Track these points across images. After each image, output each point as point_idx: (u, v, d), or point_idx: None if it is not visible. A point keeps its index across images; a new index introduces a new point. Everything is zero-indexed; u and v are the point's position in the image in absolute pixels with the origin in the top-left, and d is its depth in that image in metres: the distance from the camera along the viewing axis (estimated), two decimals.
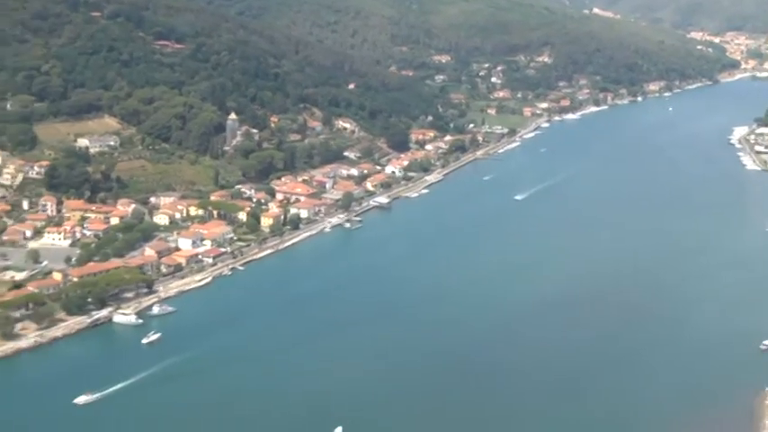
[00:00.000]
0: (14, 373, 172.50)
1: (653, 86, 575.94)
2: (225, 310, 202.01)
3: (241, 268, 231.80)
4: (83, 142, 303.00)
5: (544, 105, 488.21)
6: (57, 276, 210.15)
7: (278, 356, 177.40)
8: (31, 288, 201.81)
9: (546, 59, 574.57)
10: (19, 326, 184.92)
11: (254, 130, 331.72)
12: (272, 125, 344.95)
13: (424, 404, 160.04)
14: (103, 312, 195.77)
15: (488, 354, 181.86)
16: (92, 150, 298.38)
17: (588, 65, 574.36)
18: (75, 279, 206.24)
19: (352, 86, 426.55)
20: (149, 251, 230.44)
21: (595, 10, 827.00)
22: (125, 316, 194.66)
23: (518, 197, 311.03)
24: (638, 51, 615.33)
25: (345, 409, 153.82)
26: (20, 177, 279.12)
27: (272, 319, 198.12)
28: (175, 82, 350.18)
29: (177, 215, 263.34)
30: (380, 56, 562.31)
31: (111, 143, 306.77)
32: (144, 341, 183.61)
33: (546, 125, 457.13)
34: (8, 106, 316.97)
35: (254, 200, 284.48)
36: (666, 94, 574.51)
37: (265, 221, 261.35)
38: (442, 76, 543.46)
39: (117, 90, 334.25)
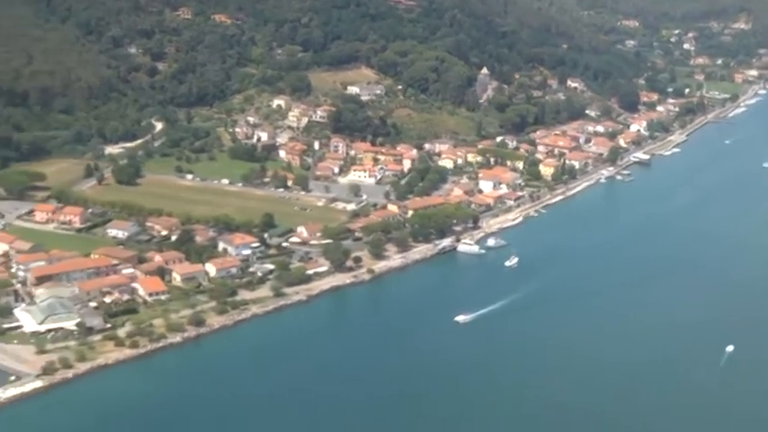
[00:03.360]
0: (396, 289, 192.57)
1: None
2: (551, 246, 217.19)
3: (543, 211, 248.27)
4: (353, 90, 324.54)
5: (753, 72, 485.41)
6: (392, 208, 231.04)
7: (627, 291, 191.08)
8: (373, 217, 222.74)
9: (742, 26, 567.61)
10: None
11: (504, 86, 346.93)
12: (515, 81, 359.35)
13: None
14: (446, 242, 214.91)
15: None
16: (363, 98, 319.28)
17: None
18: (411, 212, 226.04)
19: (565, 47, 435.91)
20: (457, 191, 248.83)
21: None
22: (468, 246, 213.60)
23: (767, 164, 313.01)
24: None
25: (732, 332, 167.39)
26: (304, 121, 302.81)
27: (597, 259, 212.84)
28: (421, 37, 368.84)
29: (459, 161, 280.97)
30: (569, 19, 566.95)
31: (378, 92, 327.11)
32: (507, 263, 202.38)
33: (763, 92, 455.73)
34: (276, 56, 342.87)
35: (520, 150, 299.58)
36: None
37: (545, 170, 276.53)
38: (632, 42, 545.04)
39: (372, 42, 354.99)
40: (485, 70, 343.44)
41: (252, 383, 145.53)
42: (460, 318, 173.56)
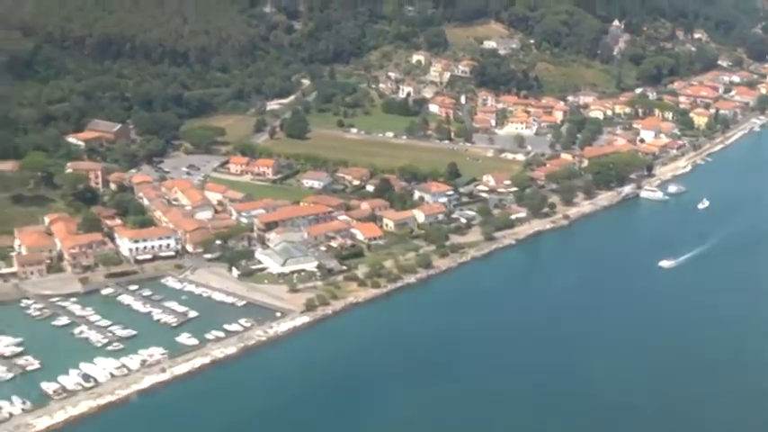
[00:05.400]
0: (595, 234, 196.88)
1: None
2: (731, 191, 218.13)
3: (709, 159, 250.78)
4: (489, 44, 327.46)
5: None
6: (566, 157, 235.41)
7: None
8: (550, 166, 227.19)
9: None
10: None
11: (636, 38, 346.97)
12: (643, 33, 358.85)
13: None
14: (628, 188, 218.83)
15: None
16: (500, 52, 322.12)
17: None
18: (586, 160, 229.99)
19: None
20: (621, 141, 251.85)
21: None
22: (652, 192, 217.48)
23: None
24: None
25: None
26: (446, 75, 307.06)
27: None
28: None
29: (608, 112, 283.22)
30: None
31: (514, 46, 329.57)
32: (699, 206, 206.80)
33: None
34: (407, 12, 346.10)
35: (663, 101, 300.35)
36: None
37: (698, 120, 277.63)
38: None
39: None
40: (616, 22, 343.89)
41: (487, 318, 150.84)
42: (665, 263, 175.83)
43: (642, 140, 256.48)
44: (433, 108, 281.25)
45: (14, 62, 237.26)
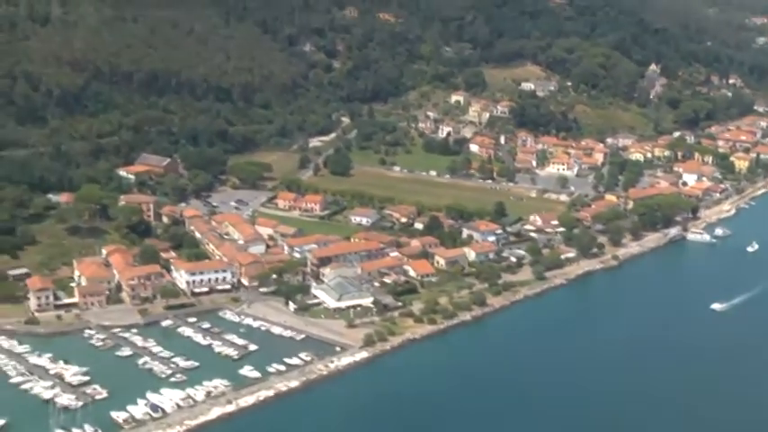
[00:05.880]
0: (644, 275, 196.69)
1: None
2: None
3: (753, 203, 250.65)
4: (527, 86, 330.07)
5: None
6: (610, 198, 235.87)
7: None
8: (595, 207, 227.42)
9: None
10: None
11: (674, 82, 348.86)
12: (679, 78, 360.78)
13: None
14: (674, 231, 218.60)
15: None
16: (538, 94, 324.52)
17: None
18: (631, 202, 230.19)
19: (709, 44, 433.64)
20: (663, 183, 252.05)
21: None
22: (699, 235, 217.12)
23: None
24: None
25: None
26: (485, 116, 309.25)
27: None
28: (582, 34, 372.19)
29: (648, 154, 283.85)
30: (703, 17, 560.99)
31: (551, 88, 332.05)
32: (748, 249, 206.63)
33: None
34: (445, 53, 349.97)
35: (701, 145, 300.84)
36: None
37: (740, 164, 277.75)
38: (763, 38, 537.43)
39: (536, 40, 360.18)
40: (653, 66, 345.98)
41: (545, 358, 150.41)
42: (716, 306, 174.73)
43: (684, 183, 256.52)
44: (474, 148, 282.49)
45: (65, 97, 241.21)
